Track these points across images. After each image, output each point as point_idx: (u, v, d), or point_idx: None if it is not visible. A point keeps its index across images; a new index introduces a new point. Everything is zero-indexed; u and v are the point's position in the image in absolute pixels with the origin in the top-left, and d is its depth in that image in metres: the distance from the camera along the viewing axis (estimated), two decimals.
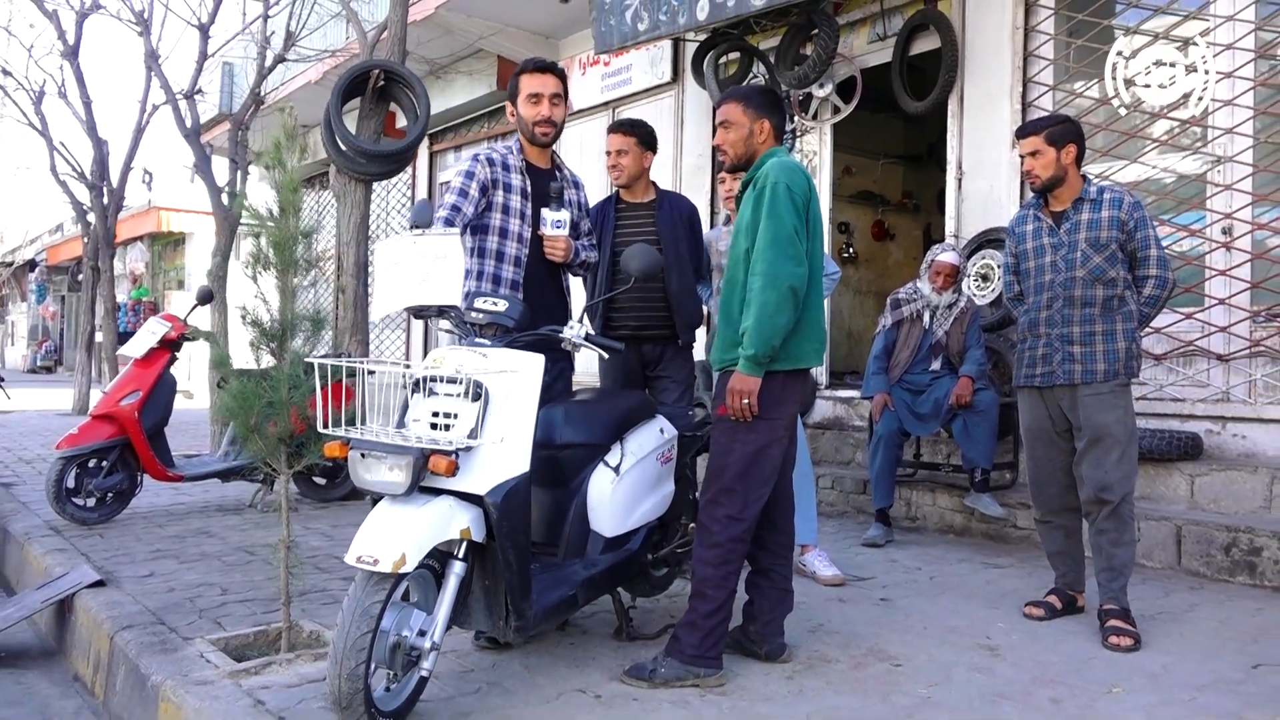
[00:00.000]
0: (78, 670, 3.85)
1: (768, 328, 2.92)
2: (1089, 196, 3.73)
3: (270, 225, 3.12)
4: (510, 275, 3.36)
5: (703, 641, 2.98)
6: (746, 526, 3.04)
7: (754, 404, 2.97)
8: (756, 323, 2.93)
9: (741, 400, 2.96)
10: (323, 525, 5.45)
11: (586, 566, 3.16)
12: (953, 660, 3.28)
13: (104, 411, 5.47)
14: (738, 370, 2.98)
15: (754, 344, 2.93)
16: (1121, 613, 3.55)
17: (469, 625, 2.92)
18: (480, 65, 10.09)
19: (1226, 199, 5.18)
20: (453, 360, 2.79)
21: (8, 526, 5.51)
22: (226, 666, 3.11)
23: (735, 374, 2.98)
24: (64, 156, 12.13)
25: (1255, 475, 4.76)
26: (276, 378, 3.12)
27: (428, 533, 2.56)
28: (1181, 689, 3.03)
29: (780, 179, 2.98)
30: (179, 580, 4.25)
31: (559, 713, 2.77)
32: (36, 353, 28.88)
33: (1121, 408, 3.67)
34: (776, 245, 2.93)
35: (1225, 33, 5.20)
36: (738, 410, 2.97)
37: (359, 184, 6.66)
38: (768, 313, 2.92)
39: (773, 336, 2.93)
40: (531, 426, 2.79)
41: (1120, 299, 3.68)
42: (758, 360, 2.94)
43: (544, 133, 3.46)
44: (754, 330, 2.93)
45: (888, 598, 4.12)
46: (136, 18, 9.55)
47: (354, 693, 2.45)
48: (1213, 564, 4.48)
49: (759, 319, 2.92)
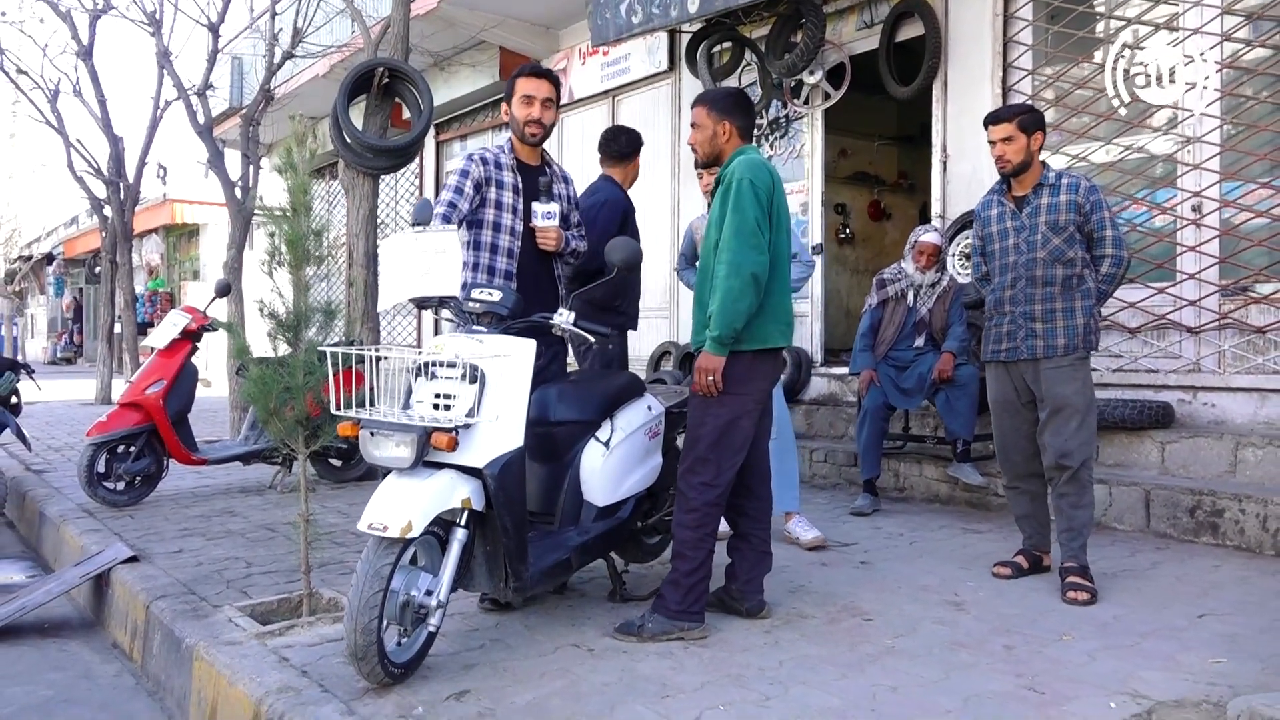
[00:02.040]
0: (115, 638, 4.17)
1: (731, 312, 3.20)
2: (1048, 182, 3.97)
3: (285, 223, 3.39)
4: (504, 266, 3.62)
5: (685, 598, 3.27)
6: (720, 492, 3.33)
7: (718, 381, 3.26)
8: (720, 307, 3.21)
9: (707, 377, 3.26)
10: (339, 504, 5.75)
11: (580, 533, 3.44)
12: (920, 615, 3.56)
13: (131, 400, 5.78)
14: (705, 350, 3.27)
15: (718, 326, 3.21)
16: (1080, 570, 3.82)
17: (472, 587, 3.21)
18: (483, 57, 10.33)
19: (1196, 178, 5.40)
20: (452, 346, 3.06)
21: (43, 510, 5.84)
22: (253, 629, 3.42)
23: (702, 353, 3.28)
24: (81, 153, 12.44)
25: (1221, 441, 5.00)
26: (293, 365, 3.40)
27: (432, 501, 2.84)
28: (1127, 636, 3.30)
29: (744, 175, 3.24)
30: (207, 555, 4.56)
31: (555, 664, 3.06)
32: (57, 344, 29.36)
33: (1080, 379, 3.93)
34: (740, 236, 3.20)
35: (1193, 17, 5.40)
36: (704, 386, 3.27)
37: (366, 178, 6.92)
38: (731, 298, 3.19)
39: (735, 320, 3.21)
40: (525, 405, 3.06)
41: (1079, 277, 3.92)
42: (722, 341, 3.23)
43: (533, 133, 3.73)
44: (718, 314, 3.21)
45: (868, 561, 4.39)
46: (148, 18, 9.81)
47: (368, 645, 2.74)
48: (1179, 525, 4.74)
49: (723, 304, 3.20)
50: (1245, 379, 5.21)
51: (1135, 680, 2.88)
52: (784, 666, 3.03)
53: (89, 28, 11.33)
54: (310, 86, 11.43)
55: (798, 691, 2.82)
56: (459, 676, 2.96)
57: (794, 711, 2.68)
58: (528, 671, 2.99)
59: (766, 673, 2.97)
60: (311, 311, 3.52)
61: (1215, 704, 2.69)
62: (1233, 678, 2.90)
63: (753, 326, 3.28)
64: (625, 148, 4.87)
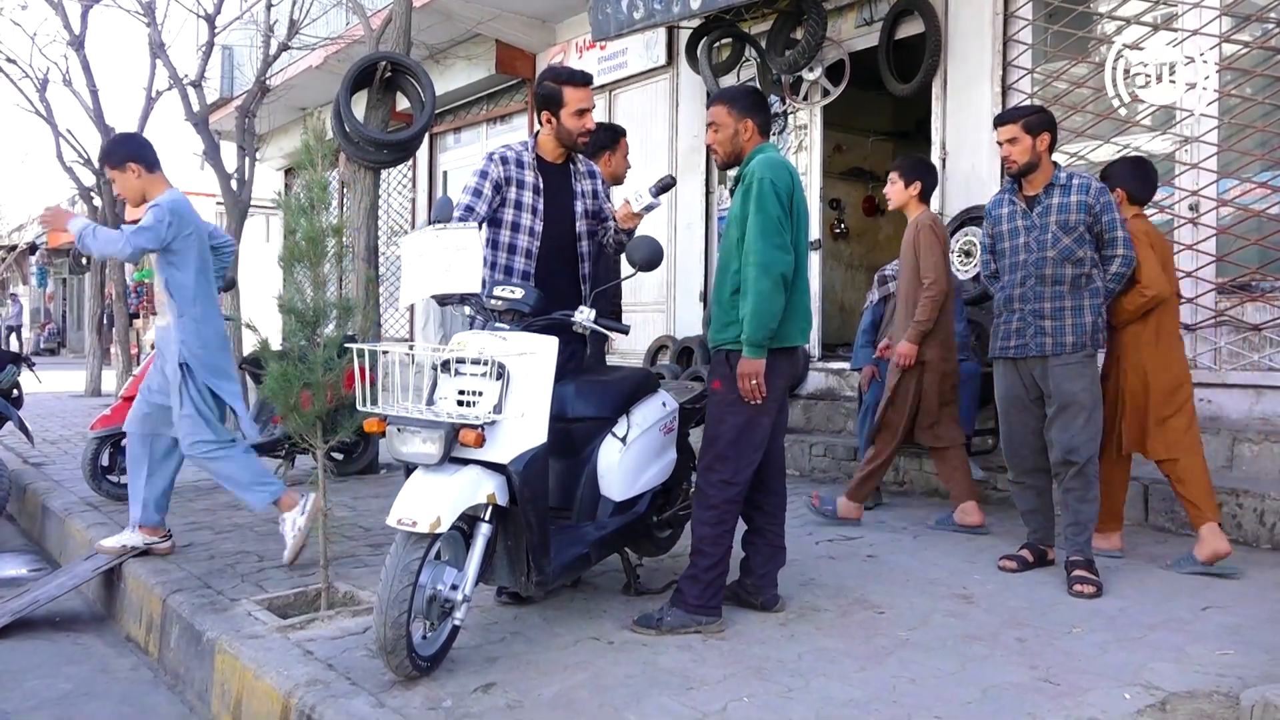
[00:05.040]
0: (129, 631, 4.18)
1: (765, 314, 3.23)
2: (1059, 182, 4.03)
3: (303, 218, 3.41)
4: (521, 266, 3.64)
5: (703, 592, 3.32)
6: (739, 489, 3.37)
7: (762, 385, 3.28)
8: (754, 310, 3.23)
9: (750, 382, 3.27)
10: (344, 497, 5.77)
11: (598, 528, 3.48)
12: (931, 607, 3.62)
13: (134, 393, 5.76)
14: (743, 355, 3.27)
15: (754, 329, 3.23)
16: (1086, 563, 3.89)
17: (494, 581, 3.25)
18: (479, 50, 10.31)
19: (1193, 177, 5.48)
20: (475, 344, 3.09)
21: (46, 503, 5.83)
22: (274, 623, 3.45)
23: (741, 359, 3.28)
24: (71, 144, 12.34)
25: (1218, 437, 5.09)
26: (313, 360, 3.42)
27: (459, 497, 2.88)
28: (1135, 628, 3.37)
29: (765, 175, 3.28)
30: (217, 549, 4.58)
31: (576, 657, 3.11)
32: (40, 335, 29.12)
33: (1088, 376, 4.00)
34: (765, 236, 3.24)
35: (1192, 18, 5.47)
36: (748, 392, 3.28)
37: (368, 171, 6.93)
38: (764, 300, 3.22)
39: (770, 321, 3.24)
40: (548, 402, 3.10)
41: (1088, 277, 3.99)
42: (759, 344, 3.25)
43: (584, 142, 3.75)
44: (752, 317, 3.23)
45: (874, 554, 4.46)
46: (144, 9, 9.74)
47: (397, 639, 2.78)
48: (1177, 519, 4.81)
49: (756, 306, 3.23)
50: (1241, 375, 5.29)
51: (1147, 672, 2.95)
52: (803, 659, 3.08)
53: (81, 17, 11.23)
54: (304, 78, 11.40)
55: (819, 684, 2.88)
56: (484, 669, 3.00)
57: (818, 703, 2.73)
58: (550, 664, 3.04)
59: (786, 665, 3.02)
60: (329, 306, 3.55)
61: (1226, 695, 2.76)
62: (1241, 669, 2.97)
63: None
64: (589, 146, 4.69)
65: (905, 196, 5.03)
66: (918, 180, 5.01)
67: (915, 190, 5.01)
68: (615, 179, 4.72)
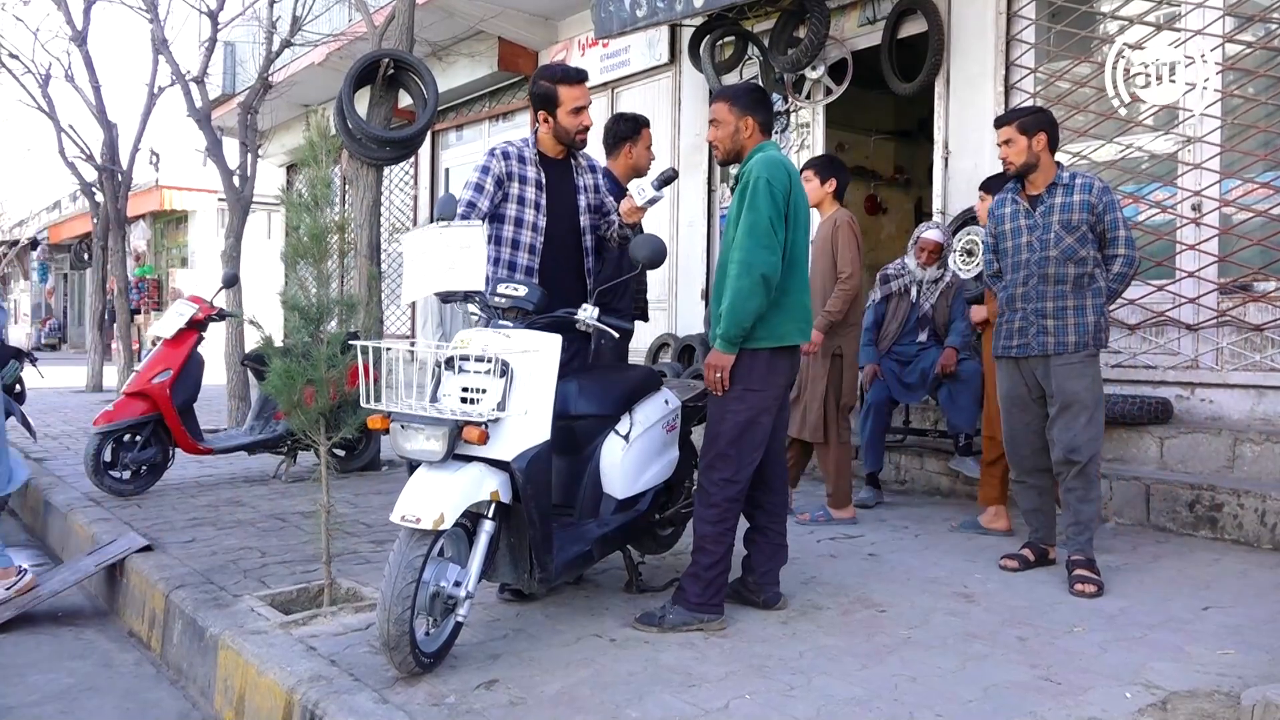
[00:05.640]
0: (132, 626, 4.19)
1: (740, 311, 3.26)
2: (1062, 181, 4.04)
3: (307, 215, 3.41)
4: (525, 262, 3.65)
5: (705, 590, 3.33)
6: (740, 488, 3.39)
7: (725, 378, 3.33)
8: (730, 306, 3.27)
9: (715, 374, 3.33)
10: (345, 494, 5.78)
11: (600, 525, 3.49)
12: (932, 606, 3.63)
13: (137, 389, 5.79)
14: (714, 348, 3.34)
15: (727, 325, 3.28)
16: (1087, 563, 3.90)
17: (497, 578, 3.26)
18: (481, 47, 10.31)
19: (1196, 177, 5.48)
20: (479, 341, 3.10)
21: (49, 498, 5.84)
22: (276, 619, 3.45)
23: (712, 351, 3.35)
24: (73, 139, 12.35)
25: (1219, 437, 5.09)
26: (316, 357, 3.43)
27: (462, 495, 2.88)
28: (1135, 628, 3.38)
29: (762, 174, 3.29)
30: (220, 545, 4.58)
31: (579, 654, 3.11)
32: (41, 330, 29.15)
33: (1090, 376, 4.00)
34: (753, 235, 3.26)
35: (1195, 19, 5.47)
36: (713, 383, 3.35)
37: (370, 168, 6.94)
38: (741, 298, 3.26)
39: (744, 319, 3.27)
40: (551, 400, 3.10)
41: (1090, 276, 3.99)
42: (730, 339, 3.30)
43: (583, 139, 3.75)
44: (728, 313, 3.28)
45: (875, 553, 4.47)
46: (146, 4, 9.75)
47: (400, 635, 2.79)
48: (1178, 519, 4.83)
49: (732, 303, 3.27)
50: (1242, 375, 5.30)
51: (1148, 671, 2.96)
52: (804, 657, 3.09)
53: (84, 13, 11.24)
54: (307, 74, 11.39)
55: (820, 681, 2.88)
56: (486, 666, 3.01)
57: (819, 701, 2.74)
58: (553, 661, 3.05)
59: (788, 663, 3.03)
60: (333, 303, 3.56)
61: (1227, 694, 2.76)
62: (1241, 668, 2.98)
63: (772, 324, 3.34)
64: (605, 138, 4.72)
65: (822, 194, 5.23)
66: (833, 178, 5.25)
67: (831, 187, 5.25)
68: (637, 170, 4.67)
